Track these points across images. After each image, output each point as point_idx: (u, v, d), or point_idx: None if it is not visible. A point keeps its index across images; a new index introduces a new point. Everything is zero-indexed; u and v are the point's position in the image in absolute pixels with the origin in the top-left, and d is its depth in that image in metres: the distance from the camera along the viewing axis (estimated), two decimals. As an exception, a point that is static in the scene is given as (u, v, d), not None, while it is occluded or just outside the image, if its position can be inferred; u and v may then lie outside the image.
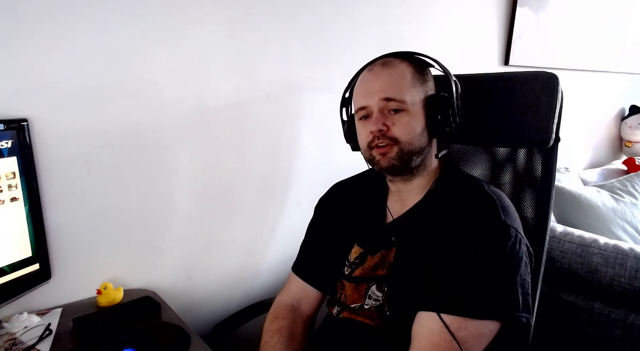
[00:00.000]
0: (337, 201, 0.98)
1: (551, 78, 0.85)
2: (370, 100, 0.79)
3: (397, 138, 0.77)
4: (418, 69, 0.81)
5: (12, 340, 0.84)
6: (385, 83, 0.78)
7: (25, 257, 0.87)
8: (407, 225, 0.83)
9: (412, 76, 0.79)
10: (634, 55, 2.84)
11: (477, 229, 0.73)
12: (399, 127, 0.77)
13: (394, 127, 0.77)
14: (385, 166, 0.79)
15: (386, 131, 0.77)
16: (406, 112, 0.77)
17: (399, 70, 0.79)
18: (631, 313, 1.23)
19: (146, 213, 1.09)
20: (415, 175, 0.83)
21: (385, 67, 0.80)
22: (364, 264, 0.85)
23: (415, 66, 0.81)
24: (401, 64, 0.80)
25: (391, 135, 0.77)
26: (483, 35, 1.87)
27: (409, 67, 0.80)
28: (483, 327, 0.70)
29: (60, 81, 0.91)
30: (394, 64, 0.80)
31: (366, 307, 0.82)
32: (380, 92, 0.78)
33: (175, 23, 1.03)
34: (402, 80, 0.78)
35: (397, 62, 0.80)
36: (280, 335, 0.87)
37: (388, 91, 0.77)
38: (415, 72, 0.80)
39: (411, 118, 0.77)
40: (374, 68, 0.81)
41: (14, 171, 0.83)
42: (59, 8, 0.88)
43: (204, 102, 1.12)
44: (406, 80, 0.78)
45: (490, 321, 0.70)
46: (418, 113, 0.78)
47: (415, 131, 0.78)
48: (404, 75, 0.79)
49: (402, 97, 0.77)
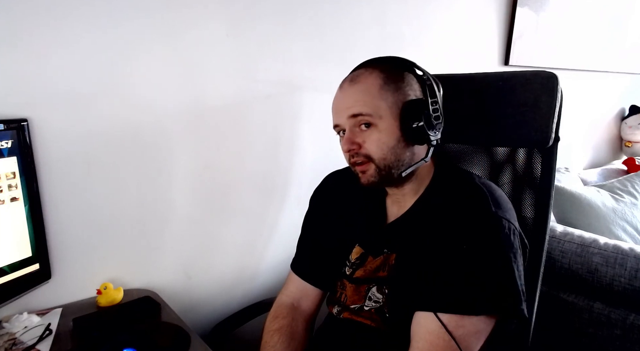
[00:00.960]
0: (334, 193, 0.97)
1: (551, 78, 0.85)
2: (341, 118, 0.79)
3: (370, 155, 0.77)
4: (389, 77, 0.78)
5: (12, 340, 0.84)
6: (351, 100, 0.77)
7: (25, 257, 0.87)
8: (405, 227, 0.83)
9: (380, 88, 0.76)
10: (634, 55, 2.84)
11: (467, 223, 0.73)
12: (370, 144, 0.76)
13: (365, 144, 0.77)
14: (365, 183, 0.79)
15: (358, 149, 0.77)
16: (375, 127, 0.76)
17: (365, 84, 0.77)
18: (631, 313, 1.23)
19: (146, 213, 1.09)
20: (405, 182, 0.82)
21: (352, 83, 0.79)
22: (365, 266, 0.85)
23: (387, 74, 0.78)
24: (369, 77, 0.78)
25: (364, 153, 0.77)
26: (483, 35, 1.87)
27: (377, 79, 0.77)
28: (480, 323, 0.70)
29: (60, 81, 0.91)
30: (360, 79, 0.78)
31: (366, 308, 0.82)
32: (348, 110, 0.77)
33: (175, 23, 1.04)
34: (368, 94, 0.76)
35: (365, 75, 0.78)
36: (280, 334, 0.87)
37: (353, 107, 0.76)
38: (384, 83, 0.77)
39: (381, 134, 0.76)
40: (343, 85, 0.80)
41: (14, 171, 0.83)
42: (59, 8, 0.88)
43: (204, 102, 1.12)
44: (372, 93, 0.76)
45: (487, 316, 0.70)
46: (390, 125, 0.76)
47: (388, 145, 0.76)
48: (371, 88, 0.77)
49: (367, 111, 0.75)
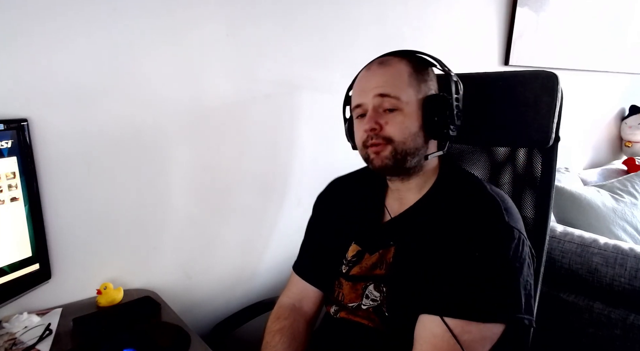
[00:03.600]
0: (336, 197, 0.97)
1: (551, 77, 0.85)
2: (365, 97, 0.79)
3: (391, 137, 0.76)
4: (417, 68, 0.80)
5: (12, 340, 0.84)
6: (380, 80, 0.78)
7: (25, 257, 0.87)
8: (406, 225, 0.82)
9: (410, 75, 0.78)
10: (634, 55, 2.84)
11: (481, 231, 0.73)
12: (393, 126, 0.76)
13: (387, 126, 0.76)
14: (378, 165, 0.79)
15: (379, 130, 0.76)
16: (400, 111, 0.76)
17: (395, 68, 0.78)
18: (631, 313, 1.23)
19: (146, 213, 1.09)
20: (412, 175, 0.82)
21: (382, 65, 0.80)
22: (361, 263, 0.85)
23: (415, 65, 0.80)
24: (399, 63, 0.79)
25: (385, 134, 0.76)
26: (483, 35, 1.87)
27: (407, 66, 0.79)
28: (487, 330, 0.70)
29: (60, 80, 0.91)
30: (391, 63, 0.79)
31: (364, 307, 0.81)
32: (375, 89, 0.77)
33: (175, 23, 1.03)
34: (398, 78, 0.77)
35: (395, 61, 0.80)
36: (281, 335, 0.87)
37: (383, 87, 0.77)
38: (413, 71, 0.79)
39: (405, 118, 0.76)
40: (372, 66, 0.81)
41: (14, 171, 0.83)
42: (59, 8, 0.88)
43: (204, 102, 1.12)
44: (402, 78, 0.78)
45: (494, 324, 0.70)
46: (413, 113, 0.77)
47: (410, 130, 0.77)
48: (401, 73, 0.78)
49: (396, 94, 0.76)
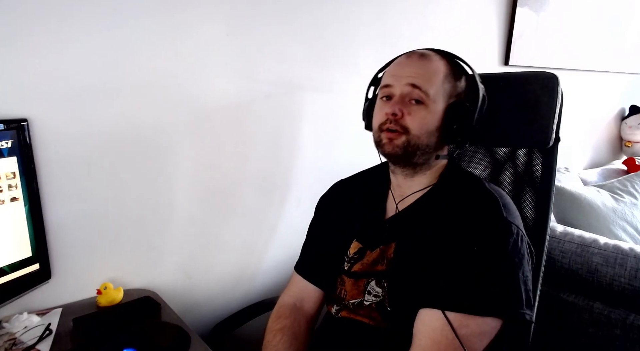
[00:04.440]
0: (338, 199, 0.98)
1: (551, 78, 0.85)
2: (397, 82, 0.79)
3: (408, 128, 0.77)
4: (453, 72, 0.81)
5: (12, 340, 0.84)
6: (416, 71, 0.78)
7: (25, 257, 0.87)
8: (407, 221, 0.83)
9: (445, 76, 0.79)
10: (634, 55, 2.84)
11: (480, 226, 0.73)
12: (413, 118, 0.77)
13: (408, 116, 0.77)
14: (388, 151, 0.79)
15: (399, 118, 0.77)
16: (426, 106, 0.77)
17: (435, 64, 0.79)
18: (631, 313, 1.23)
19: (146, 213, 1.09)
20: (418, 172, 0.83)
21: (423, 57, 0.80)
22: (362, 260, 0.85)
23: (452, 68, 0.81)
24: (439, 61, 0.80)
25: (403, 123, 0.77)
26: (483, 35, 1.87)
27: (445, 67, 0.80)
28: (485, 325, 0.70)
29: (60, 80, 0.91)
30: (432, 58, 0.80)
31: (366, 304, 0.81)
32: (409, 78, 0.78)
33: (175, 23, 1.03)
34: (435, 74, 0.78)
35: (436, 58, 0.80)
36: (282, 334, 0.87)
37: (417, 78, 0.77)
38: (449, 73, 0.80)
39: (428, 114, 0.77)
40: (412, 55, 0.81)
41: (14, 171, 0.83)
42: (59, 8, 0.88)
43: (204, 102, 1.12)
44: (438, 76, 0.78)
45: (492, 318, 0.70)
46: (437, 112, 0.78)
47: (428, 127, 0.77)
48: (438, 71, 0.79)
49: (427, 89, 0.77)
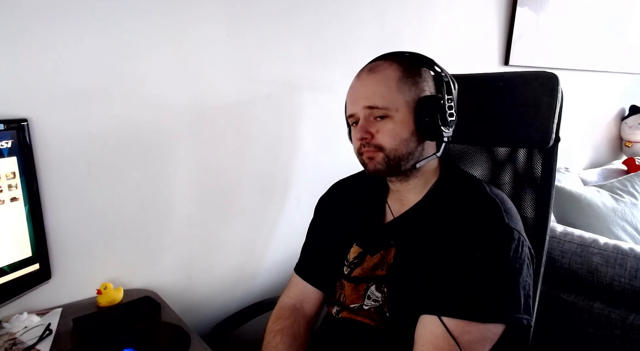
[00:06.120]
0: (337, 200, 0.98)
1: (551, 78, 0.85)
2: (356, 107, 0.79)
3: (382, 146, 0.77)
4: (407, 70, 0.79)
5: (12, 340, 0.84)
6: (368, 90, 0.78)
7: (25, 257, 0.87)
8: (407, 225, 0.83)
9: (399, 80, 0.77)
10: (634, 55, 2.84)
11: (481, 232, 0.73)
12: (383, 135, 0.77)
13: (378, 134, 0.77)
14: (371, 170, 0.80)
15: (370, 139, 0.77)
16: (391, 118, 0.77)
17: (384, 75, 0.78)
18: (631, 313, 1.23)
19: (146, 213, 1.09)
20: (410, 176, 0.82)
21: (371, 73, 0.79)
22: (363, 264, 0.85)
23: (405, 67, 0.79)
24: (388, 68, 0.78)
25: (376, 143, 0.77)
26: (483, 35, 1.87)
27: (396, 71, 0.78)
28: (487, 331, 0.70)
29: (60, 80, 0.91)
30: (380, 69, 0.79)
31: (365, 308, 0.82)
32: (364, 100, 0.78)
33: (175, 23, 1.03)
34: (386, 86, 0.77)
35: (384, 66, 0.79)
36: (282, 335, 0.87)
37: (371, 98, 0.77)
38: (403, 75, 0.78)
39: (396, 125, 0.76)
40: (361, 74, 0.81)
41: (14, 171, 0.83)
42: (60, 8, 0.88)
43: (204, 102, 1.12)
44: (390, 85, 0.77)
45: (494, 324, 0.70)
46: (405, 118, 0.77)
47: (401, 136, 0.77)
48: (389, 80, 0.77)
49: (385, 105, 0.76)
